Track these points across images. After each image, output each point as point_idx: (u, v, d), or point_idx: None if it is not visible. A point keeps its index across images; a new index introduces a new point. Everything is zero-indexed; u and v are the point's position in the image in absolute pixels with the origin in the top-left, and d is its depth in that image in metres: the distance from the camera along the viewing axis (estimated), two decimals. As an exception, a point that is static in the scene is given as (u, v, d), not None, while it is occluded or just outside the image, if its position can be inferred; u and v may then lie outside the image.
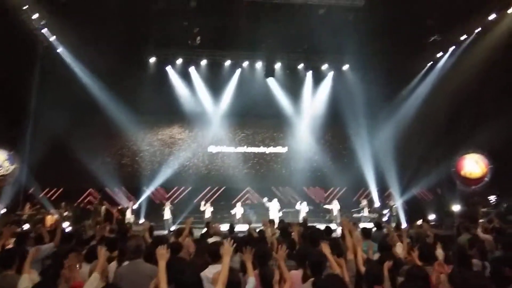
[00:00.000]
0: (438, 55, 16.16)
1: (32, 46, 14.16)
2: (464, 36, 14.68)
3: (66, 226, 11.27)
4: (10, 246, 4.86)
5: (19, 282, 3.16)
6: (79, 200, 16.04)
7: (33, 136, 14.82)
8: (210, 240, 5.59)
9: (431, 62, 16.62)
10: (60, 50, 14.94)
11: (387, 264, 3.57)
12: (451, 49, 15.52)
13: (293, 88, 17.88)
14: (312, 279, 3.46)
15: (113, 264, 4.06)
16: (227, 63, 17.22)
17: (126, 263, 3.94)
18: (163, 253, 3.08)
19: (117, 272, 3.76)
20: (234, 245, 3.57)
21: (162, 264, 3.02)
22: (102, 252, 3.60)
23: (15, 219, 11.67)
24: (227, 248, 3.33)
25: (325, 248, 3.93)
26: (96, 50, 13.95)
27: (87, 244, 5.26)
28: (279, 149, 18.92)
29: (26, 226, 11.60)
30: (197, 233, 7.17)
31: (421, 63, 16.84)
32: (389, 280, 3.46)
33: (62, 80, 14.28)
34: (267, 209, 15.11)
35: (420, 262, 4.09)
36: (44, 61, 14.86)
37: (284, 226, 7.36)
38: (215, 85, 17.42)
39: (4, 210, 13.01)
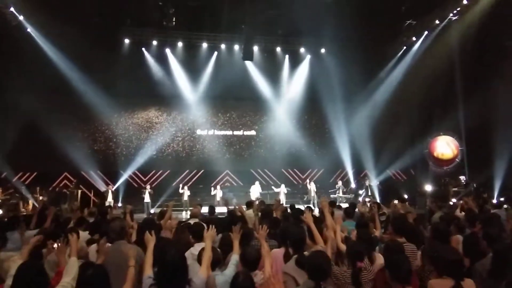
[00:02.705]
0: (413, 39, 16.41)
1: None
2: (437, 22, 14.95)
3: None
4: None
5: (11, 268, 3.01)
6: (54, 184, 15.74)
7: (4, 120, 14.33)
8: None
9: (405, 47, 16.87)
10: (29, 30, 14.31)
11: None
12: (424, 34, 15.79)
13: (271, 72, 17.84)
14: (295, 256, 3.57)
15: (94, 247, 4.05)
16: (204, 45, 16.95)
17: (108, 244, 3.95)
18: (151, 238, 3.22)
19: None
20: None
21: (151, 247, 3.14)
22: (74, 238, 3.51)
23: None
24: (210, 234, 3.46)
25: (308, 218, 4.02)
26: (67, 30, 13.44)
27: (64, 227, 5.22)
28: (256, 132, 18.99)
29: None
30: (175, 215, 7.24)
31: (396, 47, 17.08)
32: None
33: (33, 61, 13.78)
34: (246, 192, 15.28)
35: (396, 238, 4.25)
36: (13, 42, 14.25)
37: (266, 207, 7.48)
38: (192, 67, 17.14)
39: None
